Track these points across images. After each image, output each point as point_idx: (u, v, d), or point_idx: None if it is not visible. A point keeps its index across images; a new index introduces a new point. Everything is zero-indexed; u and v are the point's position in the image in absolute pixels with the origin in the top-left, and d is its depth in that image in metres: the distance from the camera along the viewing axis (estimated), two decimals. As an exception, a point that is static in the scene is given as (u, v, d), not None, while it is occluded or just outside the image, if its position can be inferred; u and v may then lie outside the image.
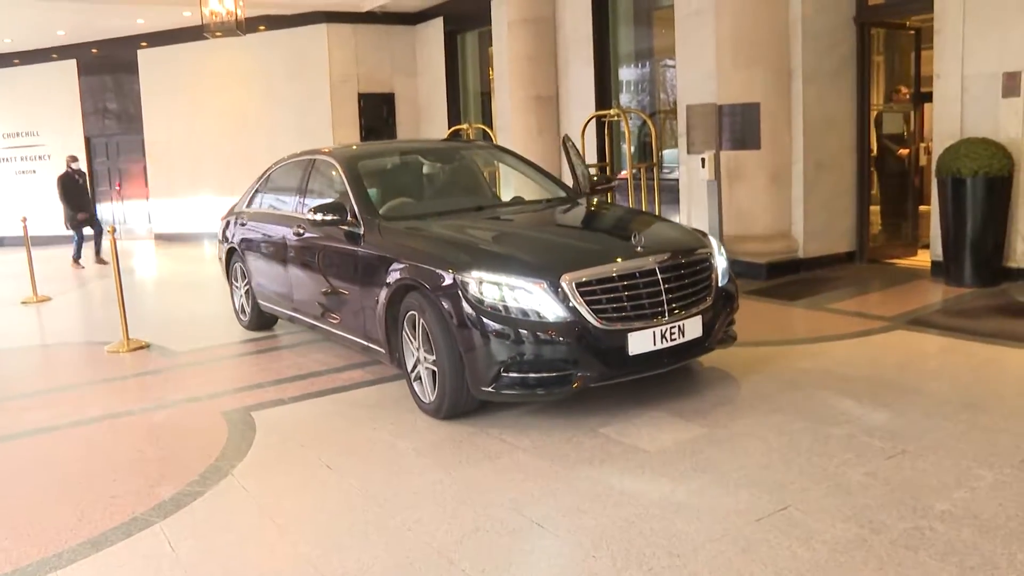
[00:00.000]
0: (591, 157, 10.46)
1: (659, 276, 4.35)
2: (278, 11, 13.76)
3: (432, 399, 4.55)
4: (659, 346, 4.29)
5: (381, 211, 5.34)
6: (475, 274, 4.28)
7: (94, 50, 16.01)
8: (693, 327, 4.44)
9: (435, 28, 14.08)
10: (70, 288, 10.69)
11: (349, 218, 5.20)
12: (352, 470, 3.99)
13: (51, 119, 16.42)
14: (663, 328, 4.29)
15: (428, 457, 4.10)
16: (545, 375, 4.19)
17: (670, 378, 4.84)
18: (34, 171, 16.62)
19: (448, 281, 4.37)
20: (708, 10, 8.48)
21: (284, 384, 5.51)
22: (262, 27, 14.40)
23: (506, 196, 6.05)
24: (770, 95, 7.92)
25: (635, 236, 4.51)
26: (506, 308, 4.20)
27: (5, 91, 16.61)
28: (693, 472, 3.67)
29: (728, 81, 8.14)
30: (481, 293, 4.24)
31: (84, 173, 13.54)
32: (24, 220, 10.24)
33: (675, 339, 4.35)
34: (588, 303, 4.18)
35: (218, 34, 10.96)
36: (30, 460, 4.48)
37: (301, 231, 5.80)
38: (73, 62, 16.11)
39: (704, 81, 8.65)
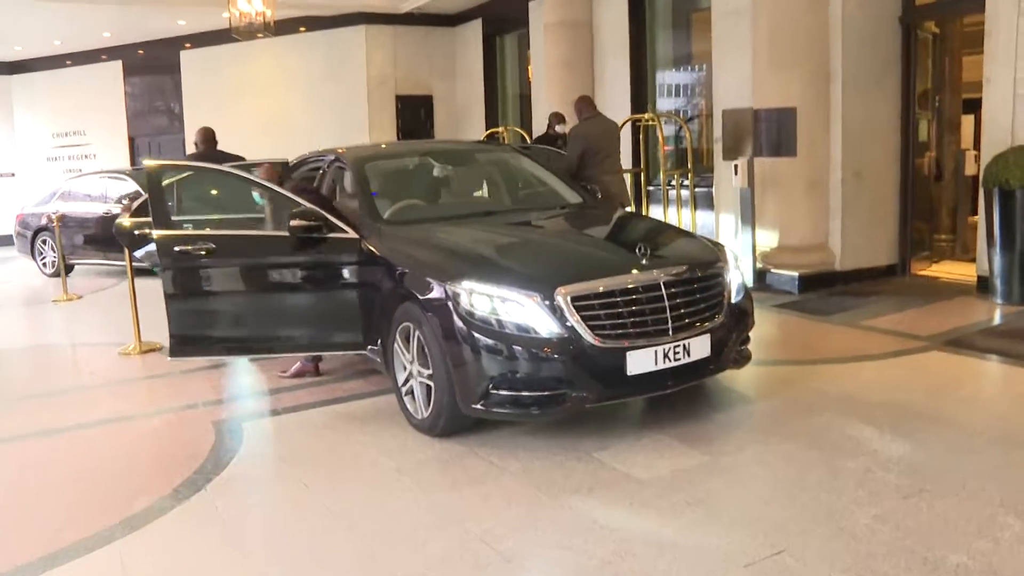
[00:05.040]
0: (626, 163, 10.13)
1: (663, 291, 4.06)
2: (318, 12, 13.72)
3: (425, 415, 4.33)
4: (661, 366, 4.00)
5: (387, 214, 5.14)
6: (466, 284, 4.05)
7: (140, 51, 16.21)
8: (700, 346, 4.14)
9: (474, 30, 13.91)
10: (104, 287, 10.72)
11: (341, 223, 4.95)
12: (329, 489, 3.79)
13: (97, 119, 16.67)
14: (666, 347, 4.00)
15: (410, 477, 3.87)
16: (538, 394, 3.94)
17: (678, 400, 4.53)
18: (80, 170, 16.87)
19: (439, 291, 4.15)
20: (746, 11, 8.11)
21: (282, 393, 5.34)
22: (303, 28, 14.39)
23: (519, 201, 5.79)
24: (807, 99, 7.53)
25: (641, 248, 4.22)
26: (498, 322, 3.96)
27: (56, 92, 16.93)
28: (686, 506, 3.38)
29: (764, 84, 7.78)
30: (472, 305, 4.01)
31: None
32: (58, 219, 10.32)
33: (679, 359, 4.05)
34: (584, 319, 3.91)
35: (259, 35, 10.94)
36: (13, 467, 4.38)
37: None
38: (119, 63, 16.33)
39: (740, 85, 8.28)
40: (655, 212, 9.75)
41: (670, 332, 4.03)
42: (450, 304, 4.06)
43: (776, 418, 4.36)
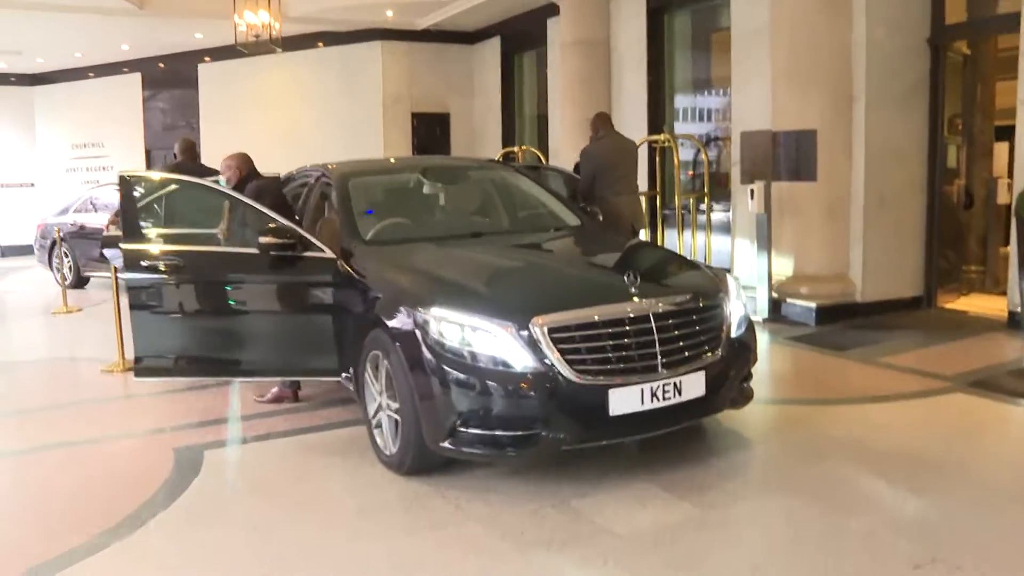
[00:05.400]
0: (642, 185, 9.78)
1: (653, 324, 3.70)
2: (334, 27, 13.57)
3: (394, 451, 3.99)
4: (648, 406, 3.63)
5: (368, 233, 4.83)
6: (435, 311, 3.72)
7: (161, 64, 16.18)
8: (694, 385, 3.76)
9: (492, 48, 13.68)
10: (110, 300, 10.50)
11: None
12: (280, 530, 3.46)
13: (115, 131, 16.65)
14: (654, 385, 3.64)
15: (369, 520, 3.54)
16: (509, 434, 3.59)
17: (671, 442, 4.13)
18: (98, 181, 16.82)
19: (407, 317, 3.82)
20: (767, 29, 7.76)
21: (256, 420, 5.03)
22: (320, 43, 14.26)
23: (513, 222, 5.45)
24: (828, 121, 7.15)
25: (630, 275, 3.87)
26: (469, 353, 3.62)
27: (75, 103, 16.96)
28: (663, 568, 3.00)
29: (783, 105, 7.41)
30: (441, 334, 3.68)
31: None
32: (59, 231, 10.17)
33: (669, 398, 3.68)
34: (563, 352, 3.56)
35: (275, 50, 10.77)
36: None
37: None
38: (138, 76, 16.31)
39: (761, 106, 7.91)
40: (670, 237, 9.38)
41: (659, 368, 3.67)
42: (418, 332, 3.74)
43: (776, 466, 3.97)
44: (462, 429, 3.62)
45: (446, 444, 3.66)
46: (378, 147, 13.69)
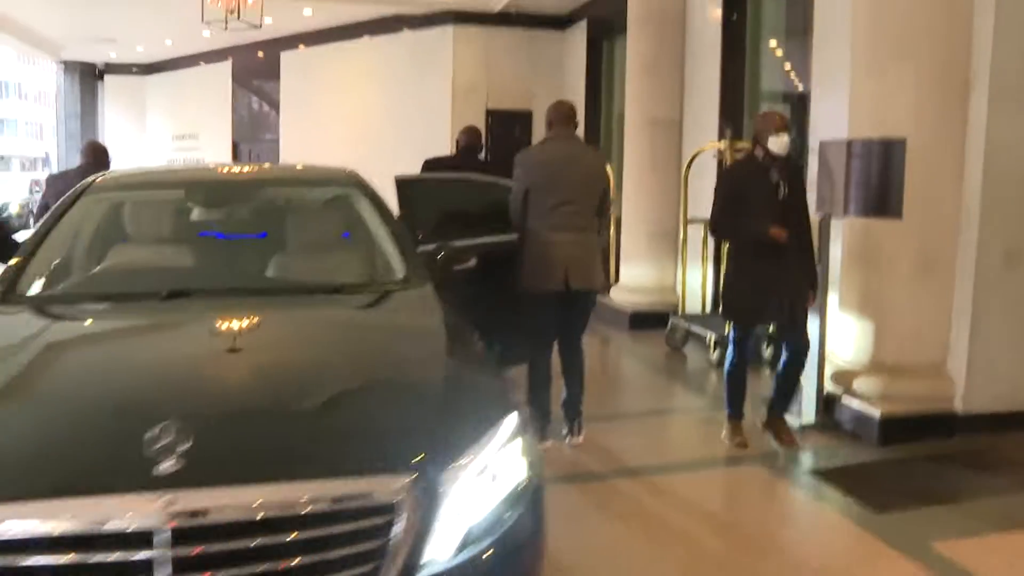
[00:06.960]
0: (698, 207, 7.40)
1: (167, 551, 1.62)
2: (406, 10, 12.03)
3: None
4: None
5: (43, 284, 3.07)
6: None
7: (259, 52, 15.37)
8: None
9: (580, 33, 11.57)
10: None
11: None
12: None
13: (208, 122, 16.12)
14: None
15: None
16: None
17: None
18: (191, 176, 16.49)
19: None
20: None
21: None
22: (406, 28, 12.80)
23: (282, 270, 3.42)
24: (926, 124, 4.57)
25: (169, 430, 1.77)
26: None
27: (178, 93, 16.68)
28: None
29: (861, 99, 4.90)
30: None
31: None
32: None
33: None
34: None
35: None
36: None
37: None
38: (228, 64, 15.63)
39: (843, 101, 5.39)
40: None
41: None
42: None
43: None
44: None
45: None
46: (445, 147, 11.97)
